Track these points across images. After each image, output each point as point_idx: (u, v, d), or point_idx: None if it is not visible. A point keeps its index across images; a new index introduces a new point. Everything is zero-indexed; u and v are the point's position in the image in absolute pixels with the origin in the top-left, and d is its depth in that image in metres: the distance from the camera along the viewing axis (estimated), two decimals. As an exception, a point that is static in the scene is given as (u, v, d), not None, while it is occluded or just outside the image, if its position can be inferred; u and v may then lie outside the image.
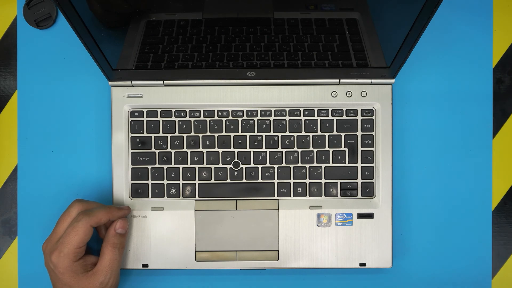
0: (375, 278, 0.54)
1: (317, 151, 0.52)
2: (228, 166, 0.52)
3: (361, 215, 0.51)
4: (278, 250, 0.51)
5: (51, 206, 0.53)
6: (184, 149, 0.52)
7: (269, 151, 0.52)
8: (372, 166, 0.52)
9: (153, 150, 0.52)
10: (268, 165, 0.52)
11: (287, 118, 0.52)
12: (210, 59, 0.48)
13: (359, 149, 0.52)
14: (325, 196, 0.52)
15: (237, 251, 0.51)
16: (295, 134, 0.52)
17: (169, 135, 0.52)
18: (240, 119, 0.52)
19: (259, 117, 0.52)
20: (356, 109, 0.52)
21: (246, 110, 0.52)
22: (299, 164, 0.52)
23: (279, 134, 0.52)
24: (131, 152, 0.52)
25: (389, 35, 0.46)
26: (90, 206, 0.48)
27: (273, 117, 0.52)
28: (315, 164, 0.52)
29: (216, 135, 0.52)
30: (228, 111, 0.52)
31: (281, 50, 0.47)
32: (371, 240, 0.51)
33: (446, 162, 0.54)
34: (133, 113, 0.52)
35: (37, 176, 0.54)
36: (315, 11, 0.43)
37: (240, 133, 0.52)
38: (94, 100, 0.54)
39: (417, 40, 0.43)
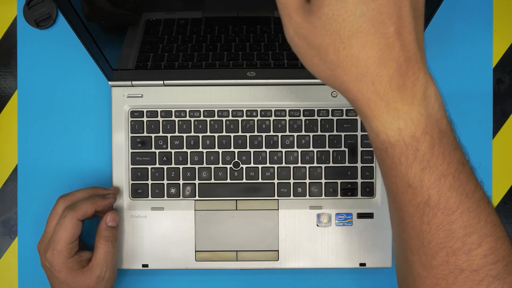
0: (375, 278, 0.54)
1: (317, 151, 0.52)
2: (228, 166, 0.52)
3: (361, 215, 0.51)
4: (278, 250, 0.51)
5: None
6: (184, 149, 0.52)
7: (269, 151, 0.52)
8: (372, 166, 0.52)
9: (153, 150, 0.52)
10: (268, 165, 0.52)
11: (287, 118, 0.52)
12: (210, 58, 0.48)
13: (359, 149, 0.52)
14: (325, 196, 0.52)
15: (237, 251, 0.51)
16: (295, 134, 0.52)
17: (169, 135, 0.52)
18: (240, 119, 0.52)
19: (259, 117, 0.52)
20: (356, 109, 0.52)
21: (246, 110, 0.52)
22: (299, 164, 0.52)
23: (279, 134, 0.52)
24: (131, 152, 0.52)
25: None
26: (74, 198, 0.48)
27: (273, 117, 0.52)
28: (315, 164, 0.52)
29: (216, 135, 0.52)
30: (228, 111, 0.52)
31: (281, 50, 0.47)
32: (371, 240, 0.51)
33: (446, 162, 0.54)
34: (133, 113, 0.52)
35: (37, 176, 0.54)
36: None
37: (240, 133, 0.52)
38: (94, 100, 0.54)
39: (417, 39, 0.43)
